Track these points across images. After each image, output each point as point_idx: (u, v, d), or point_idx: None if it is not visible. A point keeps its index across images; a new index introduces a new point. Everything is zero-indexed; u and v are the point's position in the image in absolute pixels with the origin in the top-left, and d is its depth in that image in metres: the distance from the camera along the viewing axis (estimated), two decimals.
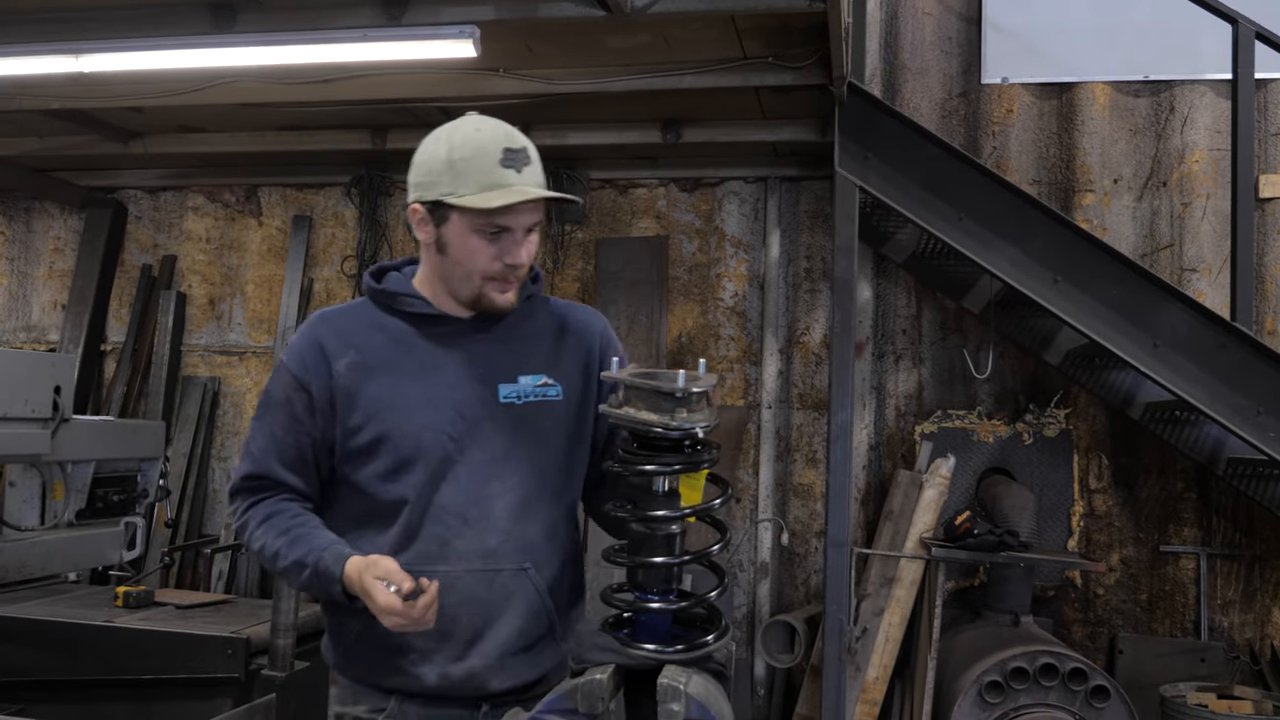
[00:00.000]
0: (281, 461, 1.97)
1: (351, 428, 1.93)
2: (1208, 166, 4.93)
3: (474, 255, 1.91)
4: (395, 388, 1.94)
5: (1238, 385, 3.86)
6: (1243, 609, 4.79)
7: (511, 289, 1.96)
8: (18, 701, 3.16)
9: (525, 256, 1.93)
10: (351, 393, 1.93)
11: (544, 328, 2.07)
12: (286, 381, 1.98)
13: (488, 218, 1.87)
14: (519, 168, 1.88)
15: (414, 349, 1.97)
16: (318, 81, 4.28)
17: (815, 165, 5.22)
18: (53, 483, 4.20)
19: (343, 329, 2.00)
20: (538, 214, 1.93)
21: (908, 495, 4.79)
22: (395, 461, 1.91)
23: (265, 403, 2.01)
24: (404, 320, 1.99)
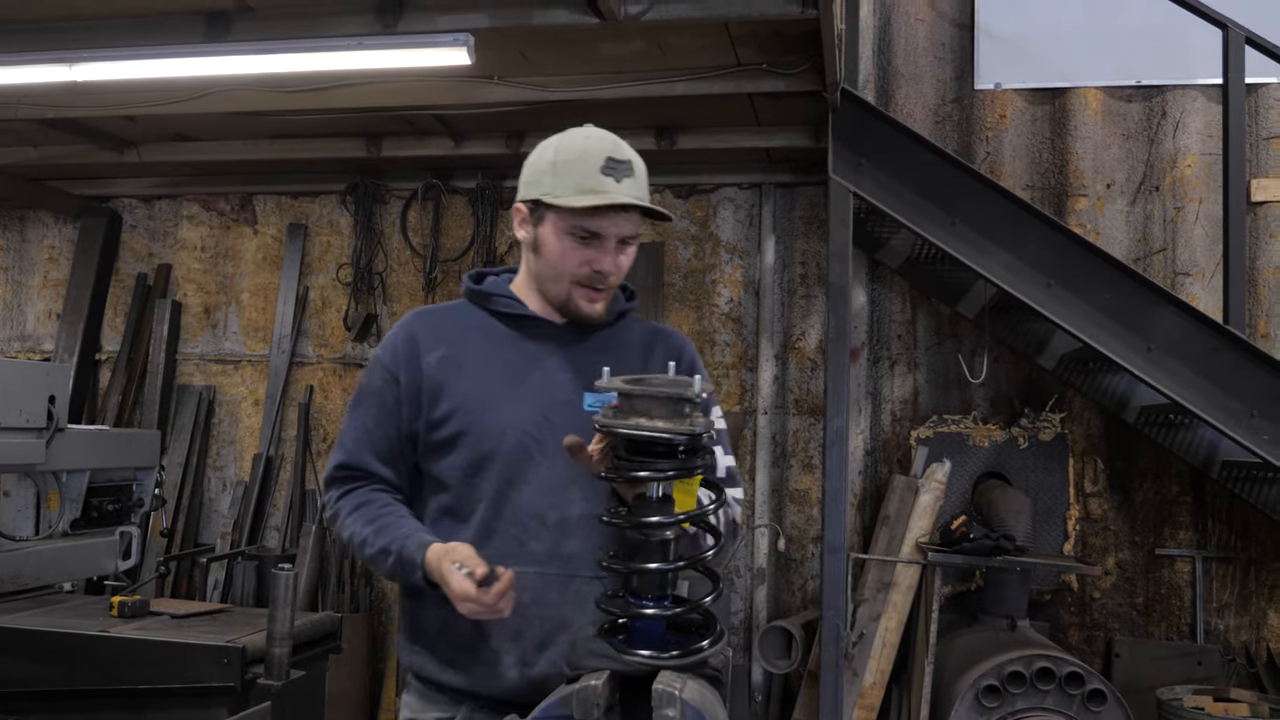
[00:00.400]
0: (373, 453, 2.02)
1: (436, 420, 1.97)
2: (1200, 171, 4.94)
3: (564, 257, 1.95)
4: (482, 384, 1.97)
5: (1231, 388, 3.87)
6: (1238, 612, 4.80)
7: (601, 299, 1.99)
8: (13, 712, 3.15)
9: (613, 266, 1.96)
10: (439, 385, 1.98)
11: (634, 344, 2.09)
12: (379, 373, 2.03)
13: (579, 220, 1.92)
14: (619, 177, 1.91)
15: (504, 348, 2.01)
16: (312, 90, 4.29)
17: (809, 171, 5.23)
18: (47, 492, 4.19)
19: (436, 325, 2.06)
20: (633, 227, 1.96)
21: (904, 500, 4.79)
22: (476, 457, 1.94)
23: (359, 394, 2.06)
24: (498, 320, 2.04)
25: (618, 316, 2.10)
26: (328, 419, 5.84)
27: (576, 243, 1.94)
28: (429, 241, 5.72)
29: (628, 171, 1.92)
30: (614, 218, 1.92)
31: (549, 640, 1.91)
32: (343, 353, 5.86)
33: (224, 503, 5.91)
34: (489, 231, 5.63)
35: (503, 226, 5.67)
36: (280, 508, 5.79)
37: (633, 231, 1.97)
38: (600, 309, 2.00)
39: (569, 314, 2.02)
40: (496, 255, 5.63)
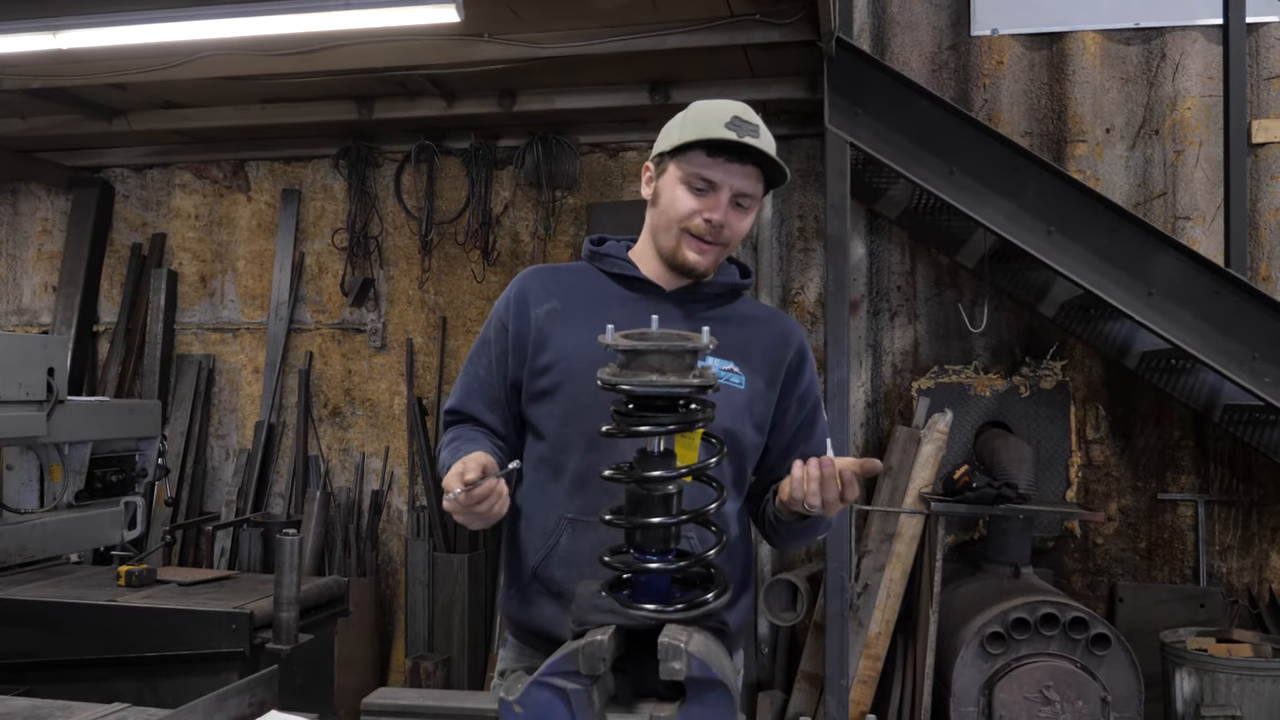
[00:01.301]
0: (482, 399, 2.09)
1: (538, 369, 2.02)
2: (1200, 113, 4.90)
3: (677, 203, 1.98)
4: (585, 338, 1.96)
5: (1232, 331, 3.86)
6: (1241, 554, 4.82)
7: (710, 252, 2.01)
8: (24, 683, 3.16)
9: (724, 218, 1.97)
10: (545, 335, 2.02)
11: (743, 320, 2.10)
12: (493, 324, 2.10)
13: (697, 168, 1.95)
14: (742, 134, 1.92)
15: (612, 306, 2.02)
16: (301, 52, 4.24)
17: (806, 123, 5.18)
18: (50, 465, 4.20)
19: (549, 280, 2.11)
20: (750, 184, 1.97)
21: (906, 451, 4.80)
22: (572, 407, 1.97)
23: (477, 344, 2.14)
24: (612, 281, 2.08)
25: (730, 292, 2.11)
26: (328, 385, 5.84)
27: (692, 191, 1.97)
28: (424, 204, 5.68)
29: (753, 132, 1.95)
30: (731, 168, 1.95)
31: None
32: (340, 318, 5.84)
33: (227, 471, 5.92)
34: (484, 192, 5.59)
35: (497, 187, 5.63)
36: (284, 474, 5.80)
37: (750, 189, 1.98)
38: (708, 261, 2.01)
39: (675, 265, 2.03)
40: (492, 216, 5.60)
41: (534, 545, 1.98)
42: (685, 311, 2.05)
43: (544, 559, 1.96)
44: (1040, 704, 3.96)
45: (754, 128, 1.95)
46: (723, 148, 1.93)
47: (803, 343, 2.14)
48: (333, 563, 5.50)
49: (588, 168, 5.56)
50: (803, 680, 4.79)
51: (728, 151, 1.94)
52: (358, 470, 5.75)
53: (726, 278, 2.12)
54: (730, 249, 2.06)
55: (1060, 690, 3.94)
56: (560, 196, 5.56)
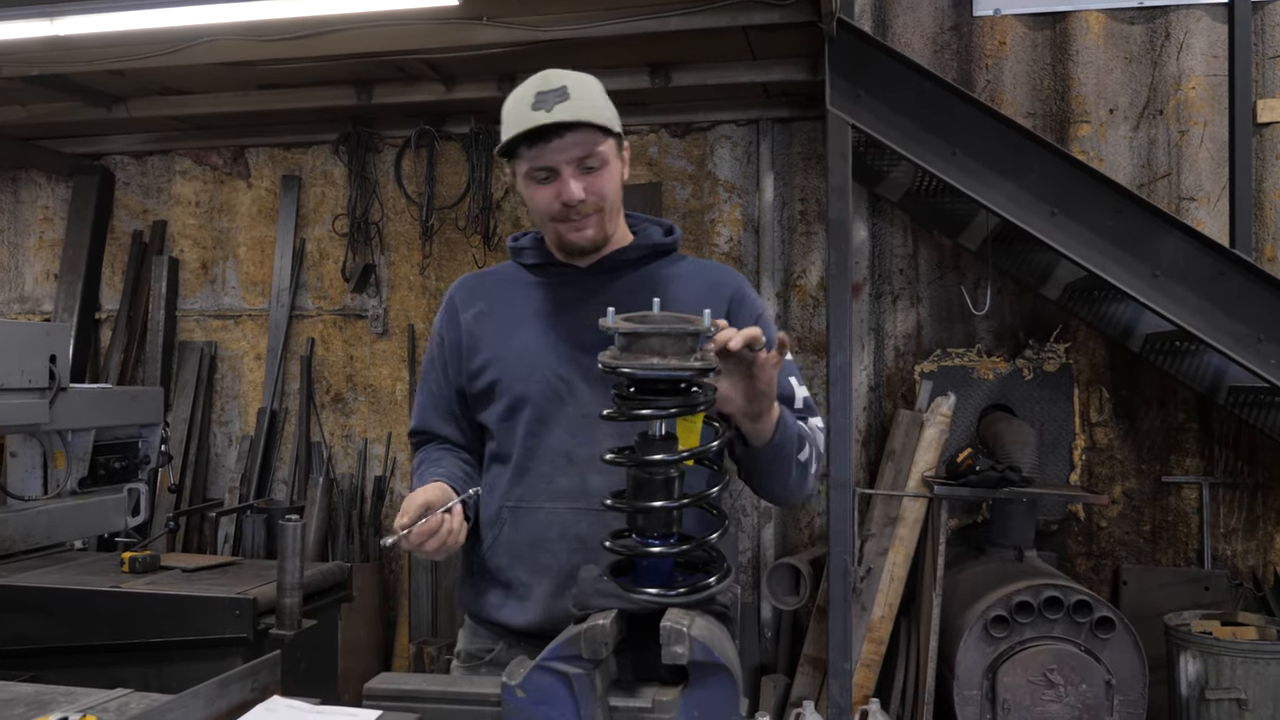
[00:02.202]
0: (438, 414, 2.13)
1: (474, 371, 2.05)
2: (1205, 93, 4.87)
3: (535, 200, 1.99)
4: (512, 333, 2.03)
5: (1237, 313, 3.84)
6: (1245, 536, 4.81)
7: (587, 225, 1.99)
8: (29, 669, 3.16)
9: (580, 191, 1.93)
10: (476, 338, 2.06)
11: (672, 280, 2.06)
12: (434, 339, 2.16)
13: (527, 161, 1.94)
14: (549, 106, 1.88)
15: (535, 297, 2.06)
16: (298, 37, 4.21)
17: (807, 105, 5.16)
18: (53, 452, 4.20)
19: (476, 286, 2.15)
20: (582, 148, 1.92)
21: (909, 435, 4.79)
22: (510, 402, 2.01)
23: (425, 361, 2.18)
24: (531, 273, 2.10)
25: (651, 252, 2.08)
26: (330, 371, 5.83)
27: (539, 184, 1.96)
28: (424, 189, 5.67)
29: (560, 97, 1.89)
30: (554, 145, 1.90)
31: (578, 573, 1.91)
32: (342, 304, 5.84)
33: (230, 457, 5.92)
34: (484, 177, 5.57)
35: (498, 172, 5.61)
36: (287, 461, 5.81)
37: (583, 152, 1.92)
38: (590, 235, 1.99)
39: (566, 250, 2.04)
40: (493, 201, 5.58)
41: (483, 535, 2.04)
42: (607, 282, 2.03)
43: (489, 547, 2.03)
44: (1044, 687, 3.96)
45: (559, 91, 1.90)
46: (535, 133, 1.89)
47: (738, 288, 2.09)
48: (336, 548, 5.51)
49: None
50: (806, 664, 4.80)
51: (542, 134, 1.89)
52: (360, 456, 5.75)
53: (646, 239, 2.08)
54: (611, 209, 2.01)
55: (1064, 673, 3.94)
56: None
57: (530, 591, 1.98)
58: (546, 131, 1.89)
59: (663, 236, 2.10)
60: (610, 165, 1.98)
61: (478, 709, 1.56)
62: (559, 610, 1.91)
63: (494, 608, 2.04)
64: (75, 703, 1.66)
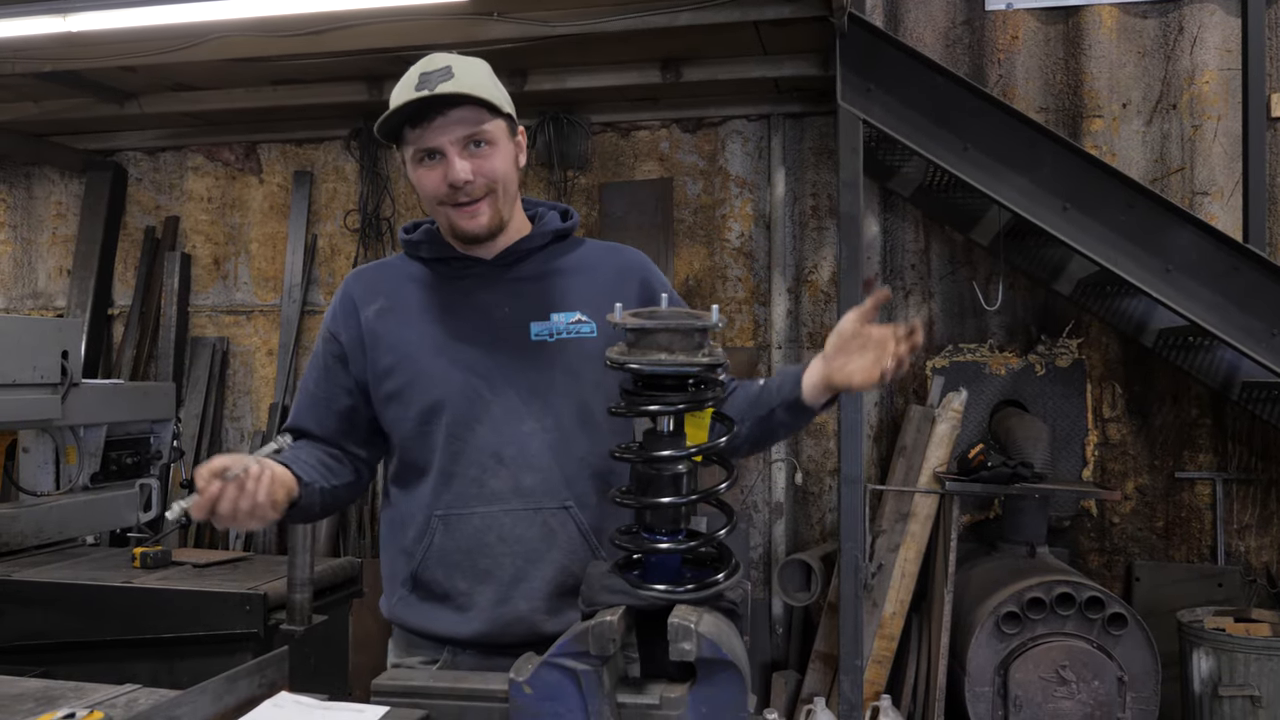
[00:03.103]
0: (312, 414, 2.02)
1: (380, 373, 1.95)
2: (1218, 87, 4.83)
3: (423, 185, 1.91)
4: (422, 330, 1.94)
5: (1251, 308, 3.81)
6: (1259, 533, 4.79)
7: (479, 211, 1.90)
8: (41, 664, 3.19)
9: (464, 172, 1.86)
10: (379, 337, 1.95)
11: (578, 264, 2.02)
12: (323, 336, 2.03)
13: (412, 144, 1.88)
14: (433, 86, 1.83)
15: (439, 293, 1.97)
16: (310, 33, 4.21)
17: (818, 100, 5.14)
18: (65, 447, 4.22)
19: (373, 280, 2.03)
20: (467, 126, 1.86)
21: (920, 430, 4.77)
22: (425, 405, 1.91)
23: (310, 360, 2.07)
24: (431, 268, 2.00)
25: (553, 238, 2.01)
26: None
27: (426, 168, 1.89)
28: None
29: (444, 76, 1.83)
30: (437, 124, 1.84)
31: (522, 576, 1.88)
32: None
33: (242, 453, 5.93)
34: None
35: None
36: None
37: (468, 130, 1.86)
38: (483, 222, 1.91)
39: (461, 239, 1.95)
40: None
41: (409, 550, 1.93)
42: (513, 274, 1.97)
43: (421, 561, 1.92)
44: (1056, 684, 3.94)
45: (443, 71, 1.84)
46: (418, 113, 1.83)
47: (643, 268, 2.05)
48: (347, 544, 5.53)
49: (599, 147, 5.53)
50: (817, 660, 4.79)
51: (424, 112, 1.84)
52: None
53: (545, 227, 2.02)
54: (505, 193, 1.93)
55: (1076, 670, 3.93)
56: (572, 176, 5.54)
57: (472, 600, 1.89)
58: (428, 109, 1.83)
59: (561, 221, 2.04)
60: (500, 146, 1.91)
61: (485, 705, 1.56)
62: (507, 617, 1.88)
63: (432, 620, 1.93)
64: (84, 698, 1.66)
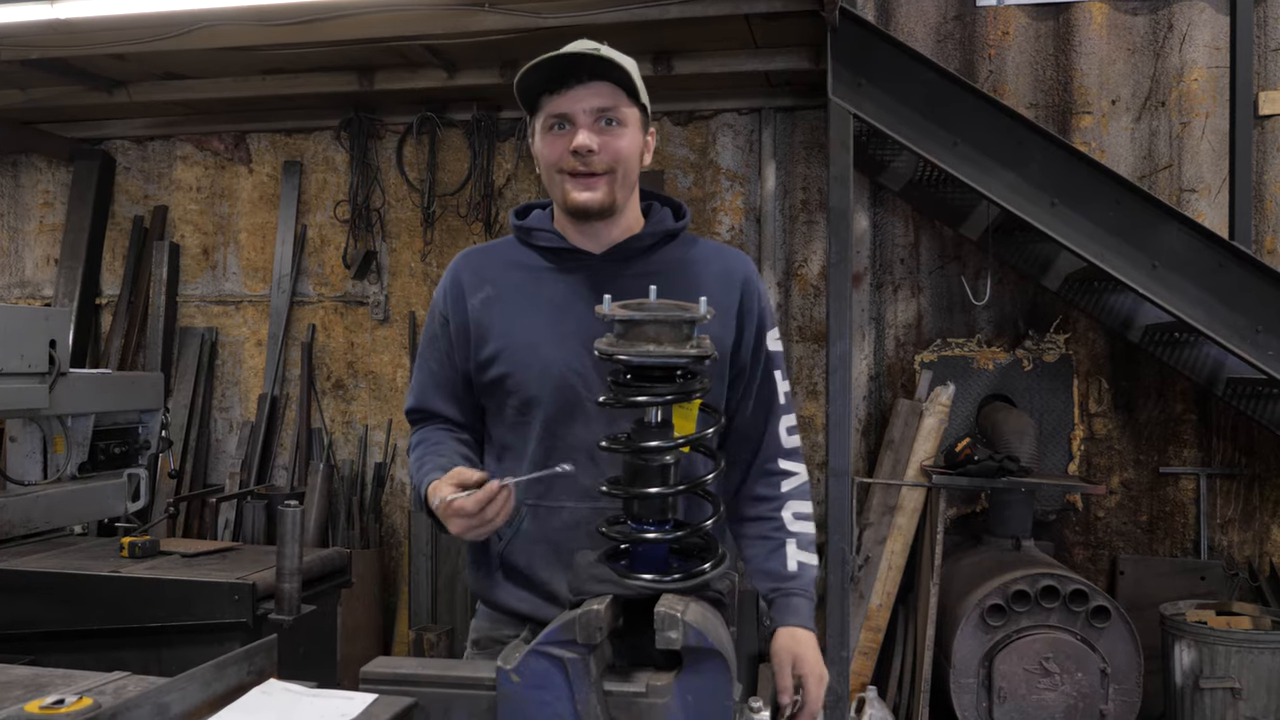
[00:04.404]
0: (438, 393, 2.04)
1: (483, 362, 1.96)
2: (1207, 85, 4.86)
3: (545, 151, 1.92)
4: (525, 322, 1.94)
5: (1236, 304, 3.84)
6: (1242, 527, 4.83)
7: (598, 185, 1.89)
8: (29, 652, 3.18)
9: (585, 140, 1.86)
10: (484, 327, 1.96)
11: (685, 266, 1.99)
12: (436, 317, 2.05)
13: (546, 109, 1.89)
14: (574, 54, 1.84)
15: (546, 284, 1.96)
16: (300, 22, 4.20)
17: (810, 94, 5.15)
18: (53, 437, 4.21)
19: (481, 265, 2.03)
20: (603, 99, 1.87)
21: (908, 424, 4.80)
22: (524, 397, 1.93)
23: (425, 338, 2.08)
24: (540, 255, 1.99)
25: (664, 237, 2.00)
26: (330, 357, 5.84)
27: (553, 136, 1.89)
28: (426, 176, 5.66)
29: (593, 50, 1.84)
30: (575, 92, 1.85)
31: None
32: (343, 291, 5.84)
33: (231, 443, 5.93)
34: (486, 164, 5.57)
35: (499, 159, 5.61)
36: (287, 447, 5.82)
37: (606, 103, 1.87)
38: (599, 195, 1.90)
39: (570, 212, 1.94)
40: (494, 188, 5.58)
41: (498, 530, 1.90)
42: (621, 271, 1.95)
43: (507, 544, 1.95)
44: (1040, 675, 3.98)
45: (593, 48, 1.85)
46: (558, 78, 1.85)
47: (748, 274, 2.04)
48: (336, 535, 5.53)
49: None
50: None
51: (563, 79, 1.85)
52: (361, 443, 5.76)
53: (658, 225, 2.00)
54: (625, 178, 1.93)
55: (1060, 662, 3.96)
56: None
57: (555, 589, 1.90)
58: (569, 76, 1.85)
59: (674, 221, 2.03)
60: (630, 130, 1.91)
61: (473, 693, 1.57)
62: None
63: (517, 601, 1.97)
64: (73, 685, 1.66)
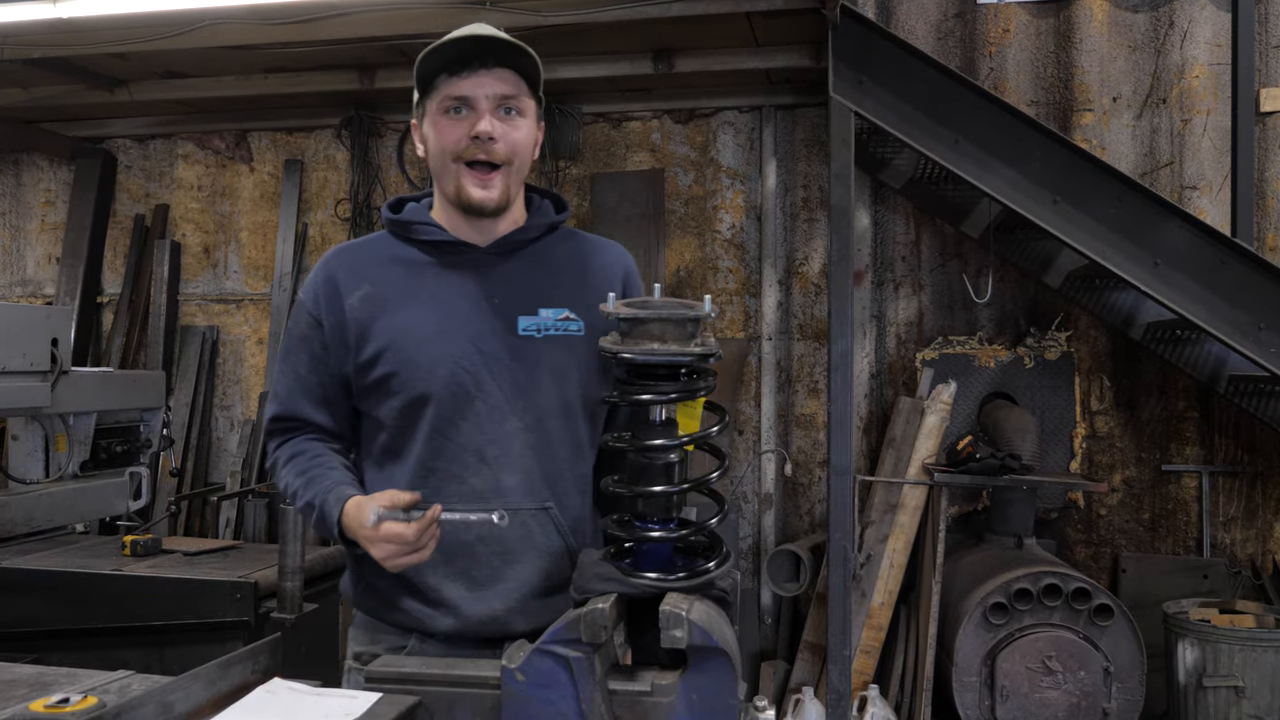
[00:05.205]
0: (308, 400, 1.95)
1: (365, 362, 1.89)
2: (1208, 82, 4.85)
3: (441, 136, 1.85)
4: (409, 320, 1.88)
5: (1238, 301, 3.83)
6: (1244, 525, 4.82)
7: (492, 181, 1.86)
8: (32, 650, 3.19)
9: (489, 127, 1.82)
10: (365, 325, 1.89)
11: (568, 260, 1.98)
12: (304, 318, 1.95)
13: (444, 91, 1.82)
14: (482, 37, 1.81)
15: (428, 279, 1.91)
16: (301, 21, 4.21)
17: (810, 92, 5.15)
18: (55, 435, 4.22)
19: (357, 262, 1.95)
20: (505, 85, 1.84)
21: (910, 422, 4.79)
22: (411, 397, 1.87)
23: (288, 341, 1.98)
24: (420, 250, 1.93)
25: (547, 230, 1.97)
26: None
27: (450, 119, 1.84)
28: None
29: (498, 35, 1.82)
30: (479, 77, 1.81)
31: (498, 577, 1.87)
32: None
33: (232, 441, 5.93)
34: None
35: None
36: None
37: (508, 90, 1.84)
38: (495, 193, 1.87)
39: (462, 206, 1.89)
40: None
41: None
42: (507, 264, 1.93)
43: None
44: (1042, 674, 3.97)
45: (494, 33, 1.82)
46: (461, 60, 1.80)
47: (629, 267, 2.04)
48: None
49: (591, 138, 5.52)
50: (805, 650, 4.81)
51: (467, 61, 1.80)
52: None
53: (542, 218, 1.97)
54: (519, 171, 1.90)
55: (1062, 660, 3.96)
56: (563, 167, 5.53)
57: (444, 597, 1.87)
58: (472, 59, 1.80)
59: (555, 213, 2.00)
60: (528, 121, 1.88)
61: (477, 692, 1.57)
62: (481, 616, 1.86)
63: (404, 610, 1.91)
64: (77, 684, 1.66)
